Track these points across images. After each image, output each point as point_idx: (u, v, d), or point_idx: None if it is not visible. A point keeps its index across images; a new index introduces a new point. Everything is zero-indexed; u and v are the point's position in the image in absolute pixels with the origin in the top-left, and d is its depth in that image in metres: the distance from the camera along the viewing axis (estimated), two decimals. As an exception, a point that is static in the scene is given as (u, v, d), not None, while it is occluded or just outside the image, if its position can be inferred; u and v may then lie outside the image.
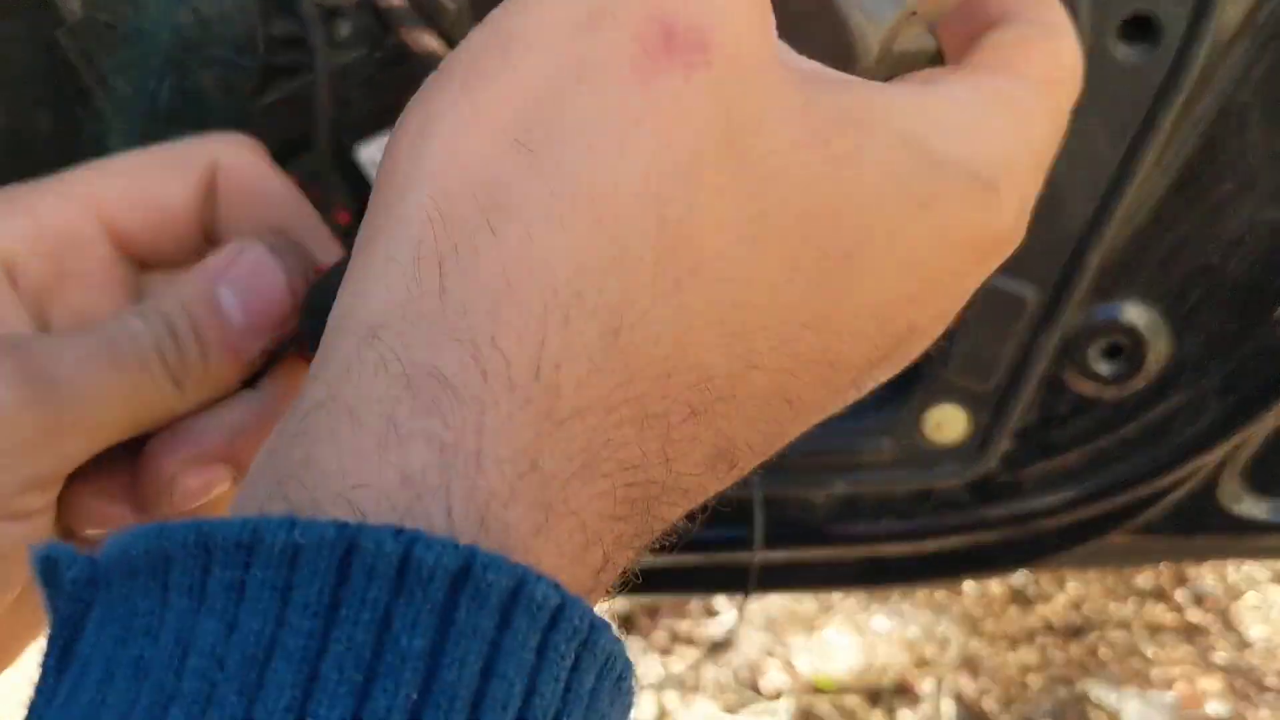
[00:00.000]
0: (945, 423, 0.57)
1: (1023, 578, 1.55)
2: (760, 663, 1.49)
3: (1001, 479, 0.58)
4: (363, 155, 0.48)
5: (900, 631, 1.52)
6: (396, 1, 0.46)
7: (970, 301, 0.53)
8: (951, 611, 1.54)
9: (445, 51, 0.50)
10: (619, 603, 1.49)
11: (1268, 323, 0.53)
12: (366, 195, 0.52)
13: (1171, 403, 0.56)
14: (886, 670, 1.47)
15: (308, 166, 0.48)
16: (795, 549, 0.63)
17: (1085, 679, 1.46)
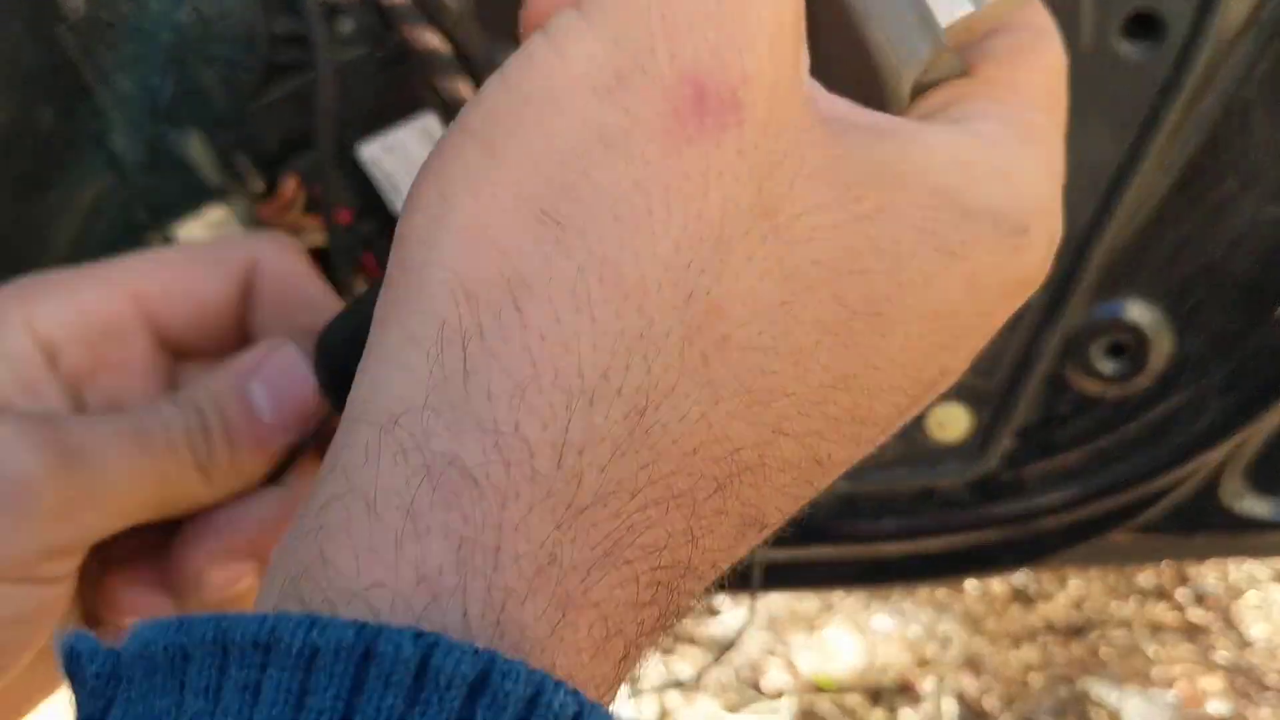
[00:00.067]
0: (947, 421, 0.56)
1: (1024, 577, 1.55)
2: (762, 662, 1.49)
3: (1003, 477, 0.58)
4: (364, 153, 0.48)
5: (901, 630, 1.52)
6: (398, -1, 0.45)
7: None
8: (953, 610, 1.54)
9: (447, 50, 0.49)
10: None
11: (1270, 321, 0.53)
12: (368, 193, 0.52)
13: (1173, 401, 0.55)
14: (888, 669, 1.47)
15: (309, 164, 0.48)
16: (796, 548, 0.63)
17: (1086, 678, 1.46)
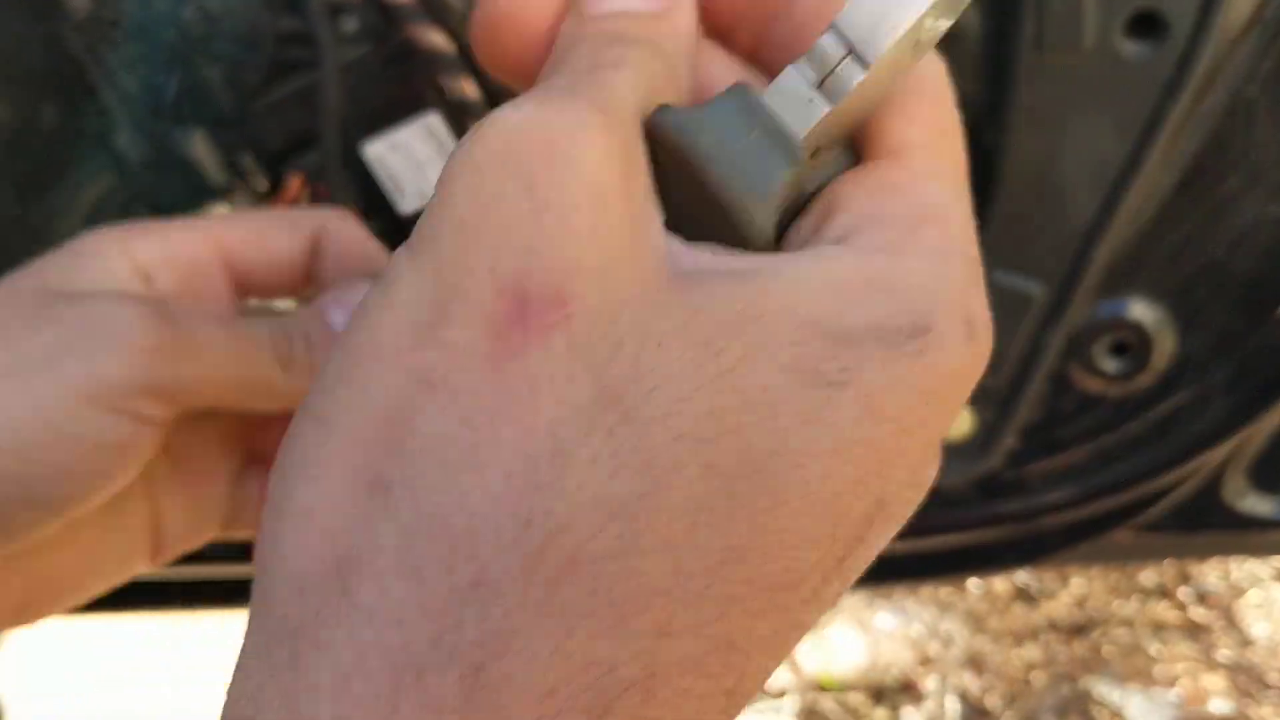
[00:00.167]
0: (950, 419, 0.57)
1: (1026, 576, 1.55)
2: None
3: (1006, 476, 0.58)
4: (369, 152, 0.48)
5: (904, 629, 1.52)
6: (402, -3, 0.46)
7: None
8: (956, 609, 1.54)
9: (451, 48, 0.49)
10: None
11: (1273, 320, 0.53)
12: (372, 192, 0.52)
13: (1176, 400, 0.55)
14: (890, 668, 1.47)
15: (313, 163, 0.48)
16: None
17: (1089, 676, 1.46)
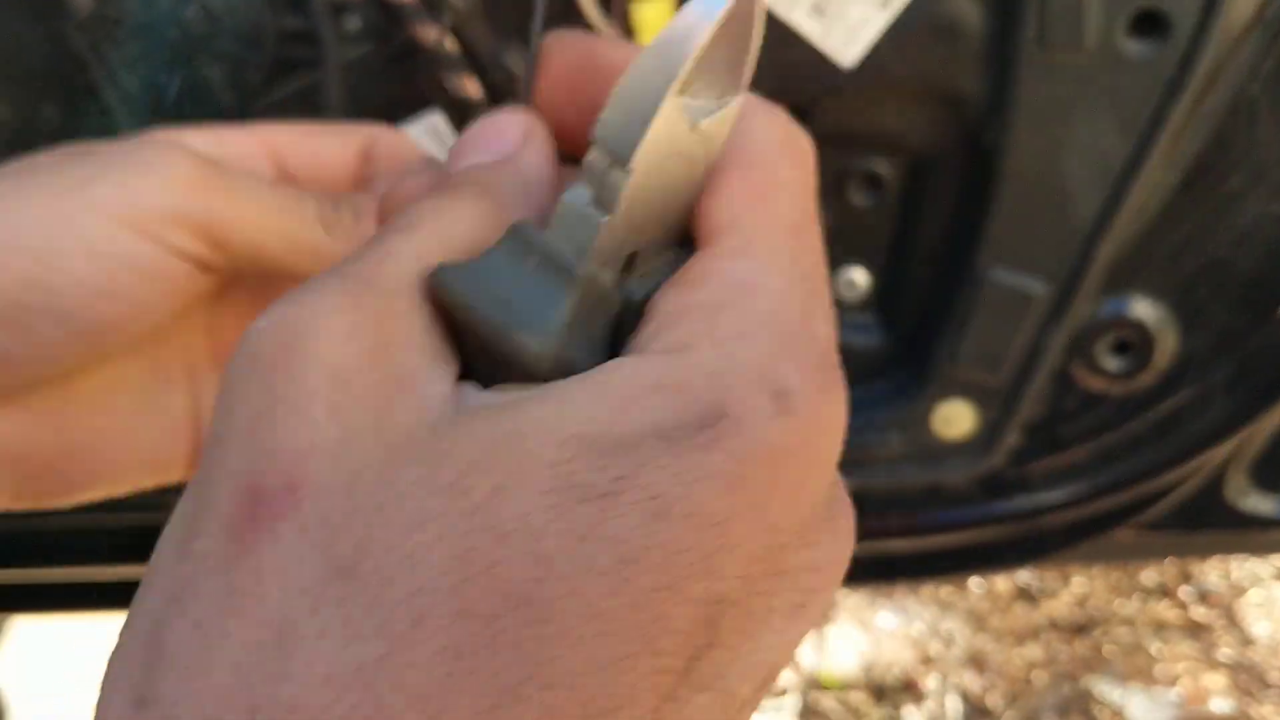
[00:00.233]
0: (953, 418, 0.56)
1: (1028, 575, 1.55)
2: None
3: (1009, 474, 0.58)
4: (371, 150, 0.48)
5: (905, 628, 1.52)
6: (405, -4, 0.46)
7: (978, 296, 0.53)
8: (957, 608, 1.54)
9: (454, 47, 0.50)
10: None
11: (1275, 319, 0.53)
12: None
13: (1179, 398, 0.55)
14: (892, 667, 1.47)
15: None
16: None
17: (1090, 675, 1.46)
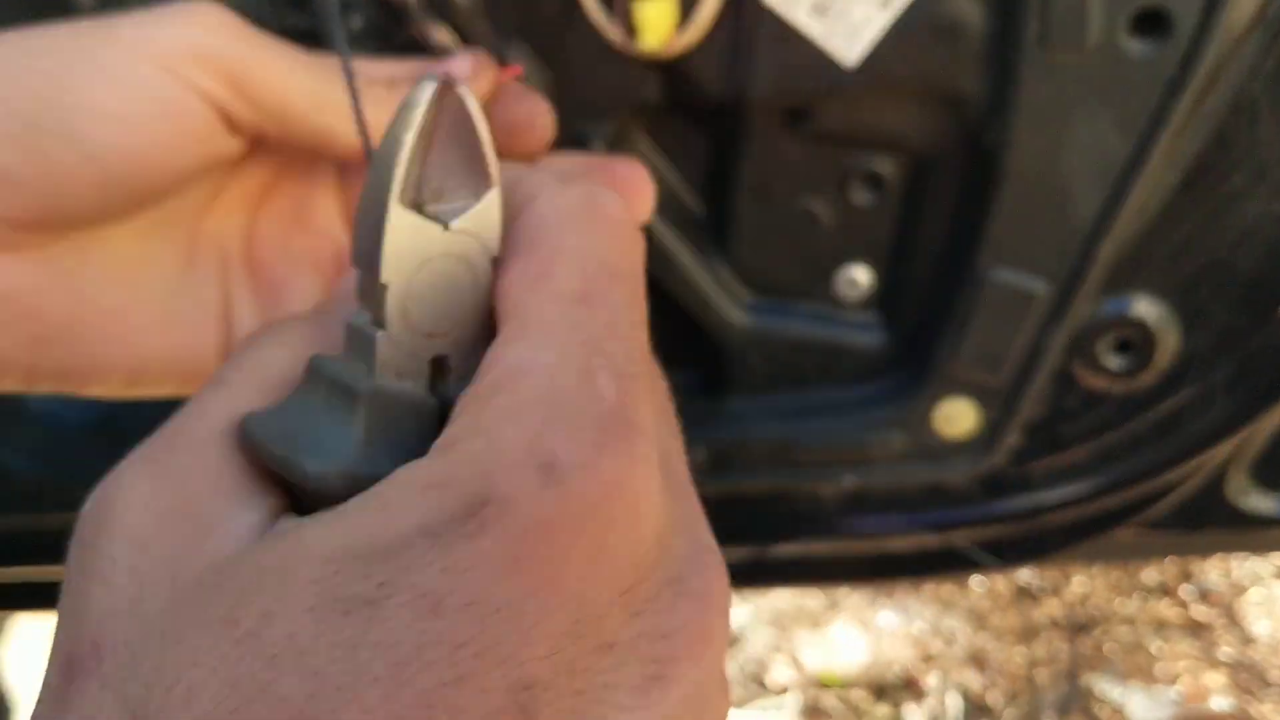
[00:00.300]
0: (955, 417, 0.57)
1: (1029, 574, 1.55)
2: (767, 658, 1.49)
3: (1010, 473, 0.58)
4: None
5: (906, 627, 1.52)
6: (409, -4, 0.46)
7: (980, 296, 0.53)
8: (958, 607, 1.54)
9: (457, 46, 0.50)
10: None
11: (1277, 318, 0.53)
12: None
13: (1180, 397, 0.56)
14: (893, 665, 1.48)
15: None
16: (804, 543, 0.63)
17: (1090, 674, 1.46)
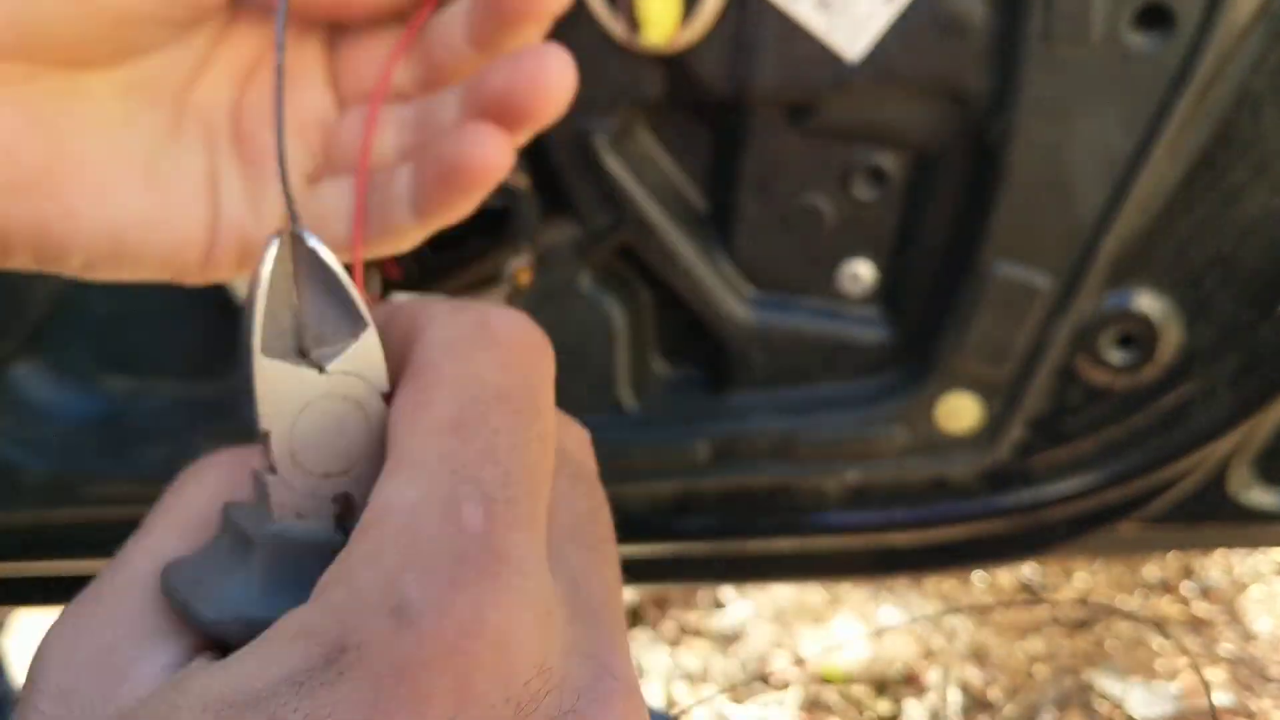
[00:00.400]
0: (957, 411, 0.57)
1: (1030, 570, 1.55)
2: (768, 654, 1.49)
3: (1013, 468, 0.58)
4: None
5: (908, 622, 1.52)
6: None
7: (983, 290, 0.53)
8: (960, 603, 1.55)
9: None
10: (627, 594, 1.49)
11: None
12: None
13: (1183, 392, 0.56)
14: (894, 661, 1.48)
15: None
16: (806, 538, 0.63)
17: (1091, 670, 1.46)
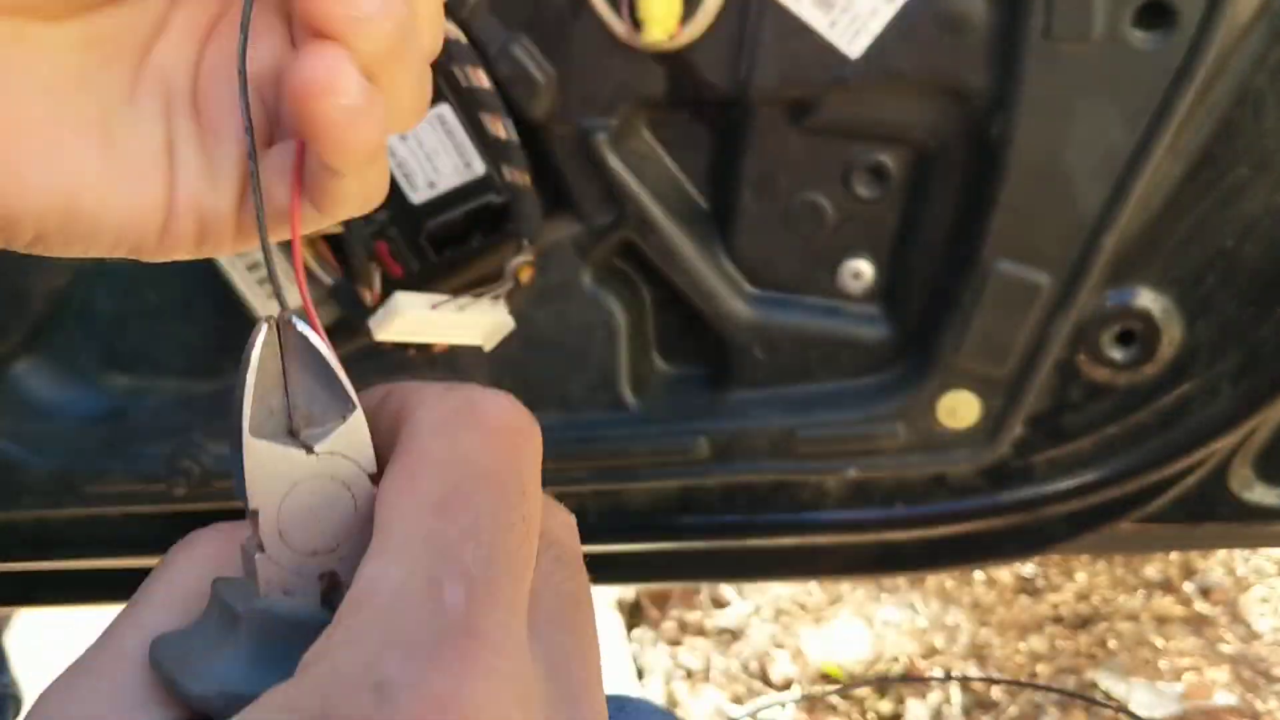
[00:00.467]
0: (958, 408, 0.57)
1: (1032, 568, 1.55)
2: (769, 653, 1.49)
3: (1013, 465, 0.58)
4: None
5: (909, 621, 1.52)
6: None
7: (983, 288, 0.53)
8: (960, 602, 1.55)
9: (462, 39, 0.50)
10: (628, 592, 1.49)
11: (1280, 310, 0.53)
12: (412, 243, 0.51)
13: (1184, 389, 0.56)
14: (895, 659, 1.48)
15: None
16: (806, 535, 0.63)
17: (1093, 669, 1.46)
